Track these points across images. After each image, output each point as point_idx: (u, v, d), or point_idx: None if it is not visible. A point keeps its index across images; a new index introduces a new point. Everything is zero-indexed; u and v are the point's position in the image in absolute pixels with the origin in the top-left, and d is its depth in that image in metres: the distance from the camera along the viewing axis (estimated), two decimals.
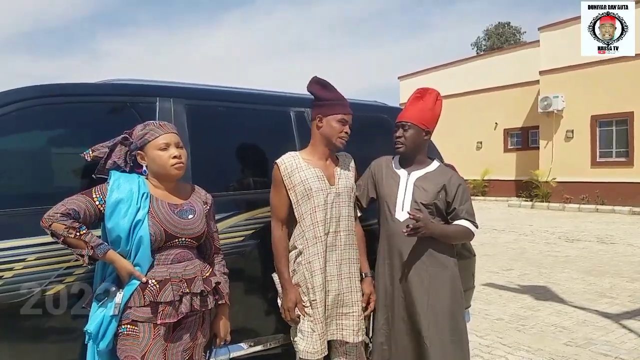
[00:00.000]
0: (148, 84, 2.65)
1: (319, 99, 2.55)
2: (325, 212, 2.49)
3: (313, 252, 2.48)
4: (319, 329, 2.44)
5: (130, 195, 1.99)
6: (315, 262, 2.47)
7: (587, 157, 15.96)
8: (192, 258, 2.10)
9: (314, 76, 2.60)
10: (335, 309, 2.53)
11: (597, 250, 8.70)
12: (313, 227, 2.48)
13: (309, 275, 2.47)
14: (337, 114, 2.52)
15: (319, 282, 2.46)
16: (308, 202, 2.49)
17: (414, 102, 2.64)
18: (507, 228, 11.67)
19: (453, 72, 21.42)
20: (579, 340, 4.35)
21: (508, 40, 36.54)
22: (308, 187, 2.48)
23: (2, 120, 2.13)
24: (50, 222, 1.86)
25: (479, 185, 19.58)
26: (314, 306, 2.46)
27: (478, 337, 4.41)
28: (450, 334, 2.52)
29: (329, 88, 2.58)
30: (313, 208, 2.49)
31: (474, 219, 2.59)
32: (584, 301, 5.57)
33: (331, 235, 2.51)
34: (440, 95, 2.67)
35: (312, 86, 2.59)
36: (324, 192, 2.50)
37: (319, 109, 2.54)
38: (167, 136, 2.09)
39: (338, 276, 2.51)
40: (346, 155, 2.71)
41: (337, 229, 2.52)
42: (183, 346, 2.04)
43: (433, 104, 2.63)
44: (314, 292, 2.46)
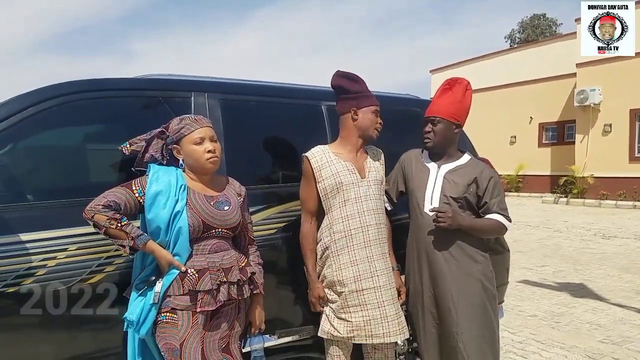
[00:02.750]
0: (183, 78, 2.71)
1: (349, 91, 2.54)
2: (356, 205, 2.49)
3: (341, 246, 2.47)
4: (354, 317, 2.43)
5: (169, 188, 2.04)
6: (343, 256, 2.47)
7: (625, 152, 15.54)
8: (229, 248, 2.15)
9: (337, 70, 2.59)
10: (378, 308, 2.45)
11: (635, 247, 8.48)
12: (342, 221, 2.48)
13: (337, 269, 2.47)
14: (371, 105, 2.53)
15: (349, 276, 2.45)
16: (338, 195, 2.49)
17: (442, 95, 2.62)
18: (542, 224, 11.47)
19: (486, 65, 21.07)
20: (615, 337, 4.27)
21: (544, 32, 35.64)
22: (339, 181, 2.48)
23: (43, 116, 2.19)
24: (93, 213, 1.93)
25: (513, 181, 19.25)
26: (341, 297, 2.46)
27: (511, 333, 4.36)
28: (480, 328, 2.50)
29: (358, 80, 2.58)
30: (343, 201, 2.49)
31: (507, 212, 2.56)
32: (621, 299, 5.45)
33: (373, 228, 2.50)
34: (470, 84, 2.62)
35: (339, 80, 2.57)
36: (355, 185, 2.50)
37: (352, 101, 2.53)
38: (202, 130, 2.13)
39: (372, 273, 2.47)
40: (375, 148, 2.70)
41: (369, 223, 2.50)
42: (220, 334, 2.09)
43: (462, 95, 2.59)
44: (343, 285, 2.45)
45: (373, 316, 2.44)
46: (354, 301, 2.46)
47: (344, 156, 2.54)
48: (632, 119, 15.40)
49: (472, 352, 2.46)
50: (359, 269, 2.47)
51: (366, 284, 2.46)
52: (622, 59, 14.63)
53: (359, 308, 2.46)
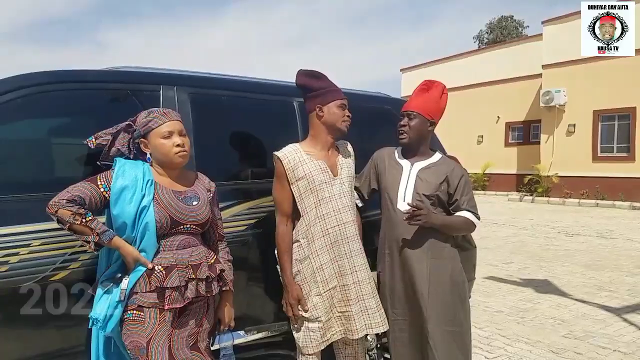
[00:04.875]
0: (151, 71, 2.65)
1: (313, 89, 2.51)
2: (331, 204, 2.48)
3: (320, 245, 2.46)
4: (322, 320, 2.43)
5: (135, 182, 2.00)
6: (323, 255, 2.46)
7: (589, 152, 15.97)
8: (197, 244, 2.11)
9: (299, 69, 2.55)
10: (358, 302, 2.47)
11: (597, 244, 8.72)
12: (319, 220, 2.46)
13: (317, 269, 2.45)
14: (336, 99, 2.51)
15: (329, 275, 2.45)
16: (312, 195, 2.47)
17: (419, 93, 2.64)
18: (507, 222, 11.69)
19: (455, 65, 21.36)
20: (577, 332, 4.38)
21: (511, 33, 36.31)
22: (312, 180, 2.46)
23: (8, 106, 2.12)
24: (56, 208, 1.87)
25: (480, 179, 19.58)
26: (320, 300, 2.45)
27: (477, 328, 4.43)
28: (451, 324, 2.54)
29: (321, 77, 2.55)
30: (317, 201, 2.47)
31: (476, 210, 2.60)
32: (583, 294, 5.60)
33: (349, 225, 2.49)
34: (446, 89, 2.67)
35: (302, 79, 2.54)
36: (328, 184, 2.48)
37: (316, 99, 2.50)
38: (171, 124, 2.09)
39: (352, 269, 2.48)
40: (346, 143, 2.69)
41: (346, 220, 2.49)
42: (188, 332, 2.06)
43: (439, 97, 2.63)
44: (324, 284, 2.45)
45: (356, 310, 2.47)
46: (338, 296, 2.47)
47: (316, 155, 2.52)
48: (595, 120, 15.83)
49: (441, 348, 2.49)
50: (339, 265, 2.47)
51: (348, 280, 2.47)
52: (586, 61, 15.05)
53: (343, 303, 2.48)
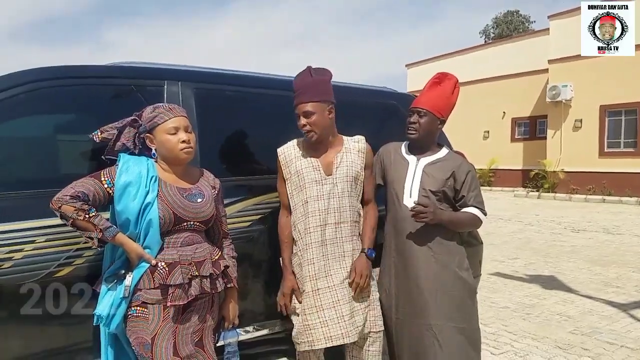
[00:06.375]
0: (156, 67, 2.63)
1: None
2: (317, 203, 2.42)
3: (305, 243, 2.43)
4: (310, 319, 2.39)
5: (139, 179, 1.99)
6: (306, 254, 2.42)
7: (595, 148, 15.86)
8: (201, 241, 2.11)
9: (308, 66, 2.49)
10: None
11: (604, 240, 8.67)
12: (304, 219, 2.43)
13: (298, 265, 2.46)
14: (296, 105, 2.44)
15: (309, 274, 2.41)
16: (300, 192, 2.45)
17: (431, 88, 2.60)
18: (513, 218, 11.64)
19: (461, 60, 21.23)
20: (584, 328, 4.35)
21: (517, 28, 36.14)
22: (302, 178, 2.44)
23: (8, 104, 2.11)
24: (60, 204, 1.87)
25: (485, 175, 19.50)
26: (305, 296, 2.42)
27: (483, 325, 4.40)
28: (461, 321, 2.51)
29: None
30: (305, 199, 2.43)
31: (483, 206, 2.58)
32: (590, 290, 5.56)
33: (331, 228, 2.43)
34: (458, 83, 2.63)
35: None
36: (317, 183, 2.43)
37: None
38: (177, 120, 2.07)
39: (326, 272, 2.42)
40: (357, 138, 2.58)
41: (328, 222, 2.43)
42: (192, 328, 2.05)
43: (451, 91, 2.59)
44: (303, 282, 2.42)
45: (329, 316, 2.38)
46: (310, 302, 2.41)
47: (312, 151, 2.48)
48: (601, 115, 15.72)
49: (450, 346, 2.47)
50: (315, 268, 2.42)
51: (321, 284, 2.42)
52: (593, 56, 14.91)
53: (315, 309, 2.40)
